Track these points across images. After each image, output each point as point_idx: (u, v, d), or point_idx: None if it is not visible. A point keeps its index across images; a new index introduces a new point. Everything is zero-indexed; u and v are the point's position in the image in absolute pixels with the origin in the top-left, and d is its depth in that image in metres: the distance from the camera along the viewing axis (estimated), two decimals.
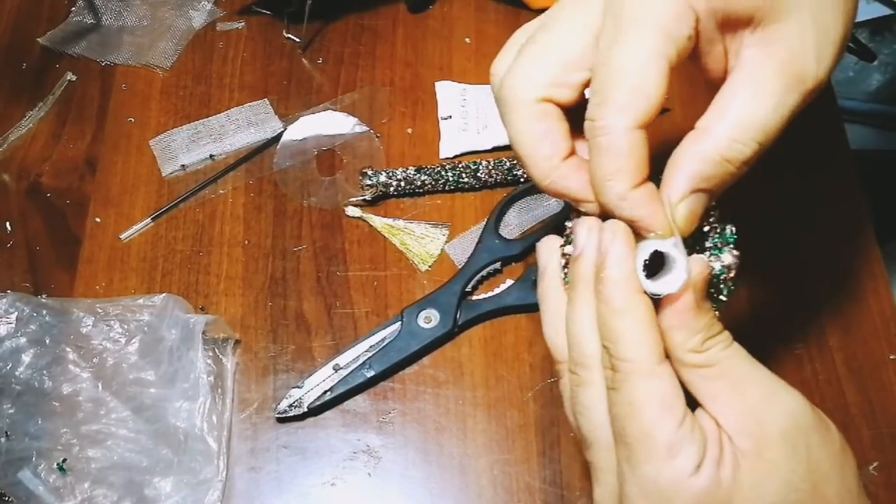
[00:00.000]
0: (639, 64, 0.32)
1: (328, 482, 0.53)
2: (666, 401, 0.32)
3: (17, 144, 0.66)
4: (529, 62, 0.36)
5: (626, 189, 0.33)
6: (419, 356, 0.56)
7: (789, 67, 0.33)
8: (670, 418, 0.32)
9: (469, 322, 0.57)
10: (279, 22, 0.70)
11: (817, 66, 0.33)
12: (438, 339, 0.56)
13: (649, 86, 0.32)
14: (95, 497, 0.51)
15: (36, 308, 0.56)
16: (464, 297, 0.57)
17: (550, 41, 0.36)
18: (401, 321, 0.56)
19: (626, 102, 0.32)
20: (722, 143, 0.33)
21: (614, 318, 0.33)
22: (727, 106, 0.33)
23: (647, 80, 0.32)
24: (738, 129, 0.33)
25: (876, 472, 0.53)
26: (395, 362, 0.55)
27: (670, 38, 0.32)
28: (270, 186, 0.63)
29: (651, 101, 0.32)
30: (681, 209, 0.34)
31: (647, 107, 0.32)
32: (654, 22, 0.32)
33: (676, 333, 0.33)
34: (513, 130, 0.36)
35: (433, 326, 0.56)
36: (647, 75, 0.32)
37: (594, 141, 0.33)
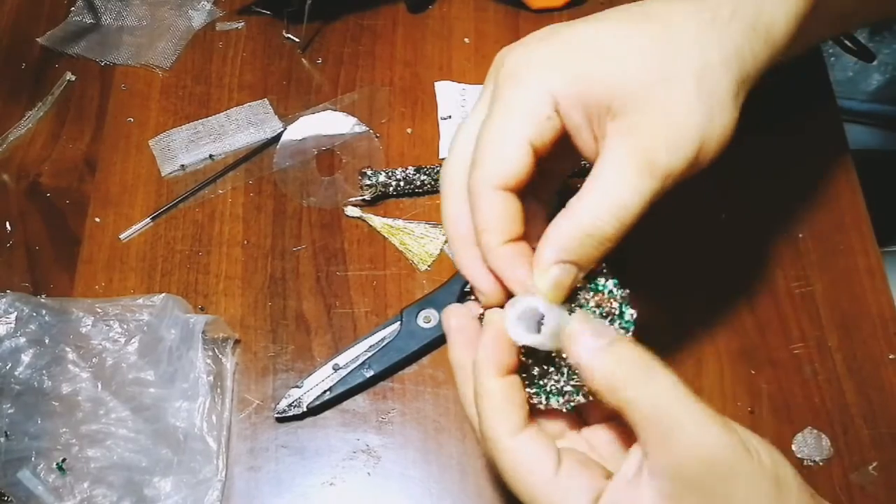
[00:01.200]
0: (501, 138, 0.38)
1: (328, 482, 0.53)
2: (532, 462, 0.36)
3: (17, 144, 0.66)
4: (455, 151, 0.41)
5: (493, 243, 0.38)
6: (419, 356, 0.56)
7: (642, 154, 0.36)
8: (541, 474, 0.36)
9: None
10: (279, 22, 0.70)
11: (669, 155, 0.36)
12: (438, 339, 0.56)
13: (508, 155, 0.38)
14: (95, 497, 0.51)
15: (35, 308, 0.56)
16: (463, 296, 0.57)
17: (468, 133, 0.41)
18: (400, 321, 0.56)
19: (489, 168, 0.38)
20: (585, 220, 0.37)
21: (476, 400, 0.38)
22: (590, 187, 0.37)
23: (507, 151, 0.38)
24: (597, 208, 0.36)
25: (876, 472, 0.53)
26: (395, 362, 0.55)
27: (529, 119, 0.38)
28: (270, 186, 0.63)
29: (510, 168, 0.38)
30: (548, 277, 0.37)
31: (506, 172, 0.38)
32: (516, 106, 0.38)
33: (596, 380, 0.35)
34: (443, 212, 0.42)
35: (433, 326, 0.56)
36: (506, 147, 0.38)
37: (470, 198, 0.39)
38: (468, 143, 0.40)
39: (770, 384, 0.56)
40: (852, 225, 0.61)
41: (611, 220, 0.36)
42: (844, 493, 0.52)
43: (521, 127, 0.38)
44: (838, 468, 0.53)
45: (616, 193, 0.36)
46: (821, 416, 0.55)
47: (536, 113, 0.38)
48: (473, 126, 0.41)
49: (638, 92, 0.37)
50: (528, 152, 0.38)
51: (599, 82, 0.37)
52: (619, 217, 0.36)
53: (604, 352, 0.35)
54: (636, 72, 0.37)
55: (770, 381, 0.56)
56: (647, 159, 0.36)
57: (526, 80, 0.38)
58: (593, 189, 0.37)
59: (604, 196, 0.36)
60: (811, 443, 0.53)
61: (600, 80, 0.37)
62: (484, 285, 0.40)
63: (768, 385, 0.55)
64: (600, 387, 0.35)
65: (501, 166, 0.38)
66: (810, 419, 0.54)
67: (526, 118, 0.38)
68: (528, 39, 0.40)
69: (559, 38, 0.39)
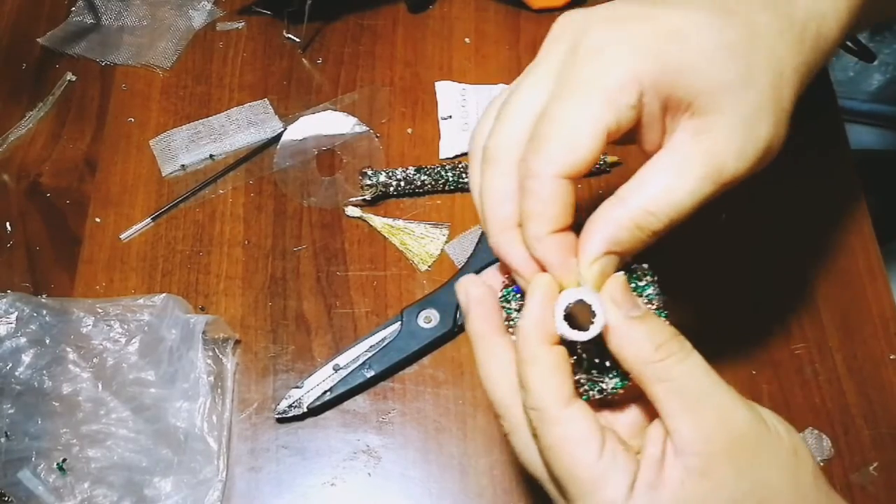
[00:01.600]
0: (576, 122, 0.35)
1: (328, 482, 0.53)
2: (580, 440, 0.34)
3: (17, 144, 0.66)
4: (504, 123, 0.38)
5: (542, 232, 0.36)
6: (419, 356, 0.56)
7: (711, 159, 0.35)
8: (587, 455, 0.34)
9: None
10: (279, 22, 0.70)
11: (736, 163, 0.36)
12: (438, 339, 0.56)
13: (581, 143, 0.35)
14: (95, 497, 0.51)
15: (36, 308, 0.56)
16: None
17: (522, 104, 0.38)
18: (401, 321, 0.56)
19: (557, 154, 0.35)
20: (636, 212, 0.35)
21: (522, 368, 0.36)
22: (648, 179, 0.36)
23: (580, 138, 0.35)
24: (654, 202, 0.35)
25: (876, 472, 0.53)
26: (395, 362, 0.55)
27: (612, 105, 0.35)
28: (270, 186, 0.63)
29: (580, 156, 0.35)
30: (593, 269, 0.36)
31: (575, 161, 0.35)
32: (598, 88, 0.35)
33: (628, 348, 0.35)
34: (486, 185, 0.38)
35: (433, 326, 0.56)
36: (581, 133, 0.35)
37: (523, 182, 0.36)
38: (522, 116, 0.37)
39: (770, 384, 0.56)
40: (852, 225, 0.61)
41: (663, 216, 0.35)
42: (845, 494, 0.52)
43: (601, 113, 0.35)
44: (839, 468, 0.53)
45: (676, 192, 0.35)
46: (821, 417, 0.55)
47: (621, 101, 0.35)
48: (529, 97, 0.37)
49: (720, 92, 0.35)
50: (602, 142, 0.35)
51: (687, 76, 0.35)
52: (671, 215, 0.35)
53: (638, 322, 0.35)
54: (723, 71, 0.35)
55: (770, 381, 0.56)
56: (715, 164, 0.35)
57: (614, 61, 0.35)
58: (652, 181, 0.35)
59: (663, 191, 0.35)
60: (812, 443, 0.53)
61: (689, 73, 0.35)
62: (529, 271, 0.37)
63: (769, 385, 0.56)
64: (633, 358, 0.34)
65: (572, 154, 0.35)
66: (811, 419, 0.54)
67: (609, 104, 0.35)
68: (614, 12, 0.37)
69: (649, 19, 0.36)
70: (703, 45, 0.35)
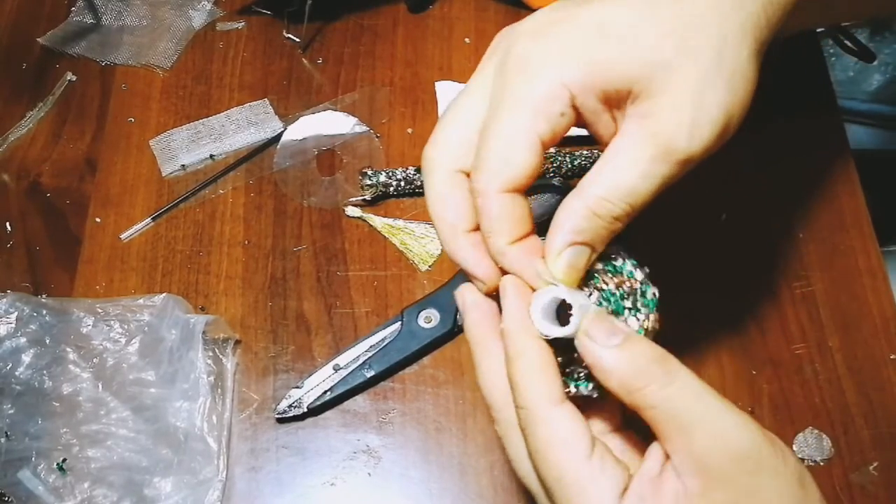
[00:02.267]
0: (509, 136, 0.36)
1: (328, 482, 0.53)
2: (567, 441, 0.34)
3: (17, 144, 0.66)
4: (442, 133, 0.39)
5: (502, 244, 0.37)
6: (419, 356, 0.56)
7: (659, 139, 0.35)
8: (574, 456, 0.34)
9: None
10: (279, 22, 0.70)
11: (689, 141, 0.35)
12: (438, 339, 0.56)
13: (517, 156, 0.36)
14: (95, 497, 0.51)
15: (36, 308, 0.56)
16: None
17: (459, 115, 0.39)
18: (401, 321, 0.56)
19: (496, 169, 0.36)
20: (591, 200, 0.36)
21: (509, 366, 0.36)
22: (602, 168, 0.36)
23: (515, 152, 0.36)
24: (609, 189, 0.36)
25: (876, 472, 0.53)
26: (396, 362, 0.55)
27: (542, 116, 0.36)
28: (270, 186, 0.63)
29: (518, 170, 0.36)
30: (560, 261, 0.36)
31: (514, 175, 0.36)
32: (526, 101, 0.36)
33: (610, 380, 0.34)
34: (427, 194, 0.40)
35: (433, 326, 0.56)
36: (515, 147, 0.36)
37: (474, 201, 0.37)
38: (458, 128, 0.38)
39: (771, 384, 0.56)
40: (852, 225, 0.61)
41: (619, 201, 0.35)
42: (845, 493, 0.52)
43: (533, 125, 0.36)
44: (839, 468, 0.53)
45: (626, 176, 0.35)
46: (821, 416, 0.55)
47: (551, 110, 0.36)
48: (466, 112, 0.39)
49: (656, 73, 0.35)
50: (538, 152, 0.36)
51: (617, 68, 0.35)
52: (628, 199, 0.35)
53: (617, 351, 0.34)
54: (653, 52, 0.35)
55: (771, 381, 0.56)
56: (663, 145, 0.35)
57: (539, 73, 0.36)
58: (604, 170, 0.36)
59: (614, 178, 0.35)
60: (812, 443, 0.53)
61: (618, 65, 0.35)
62: (480, 272, 0.38)
63: (769, 385, 0.55)
64: (616, 388, 0.34)
65: (511, 169, 0.36)
66: (811, 419, 0.54)
67: (539, 116, 0.36)
68: (537, 23, 0.38)
69: (571, 21, 0.37)
70: (628, 32, 0.36)
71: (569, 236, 0.36)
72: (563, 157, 0.61)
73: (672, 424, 0.33)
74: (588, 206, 0.36)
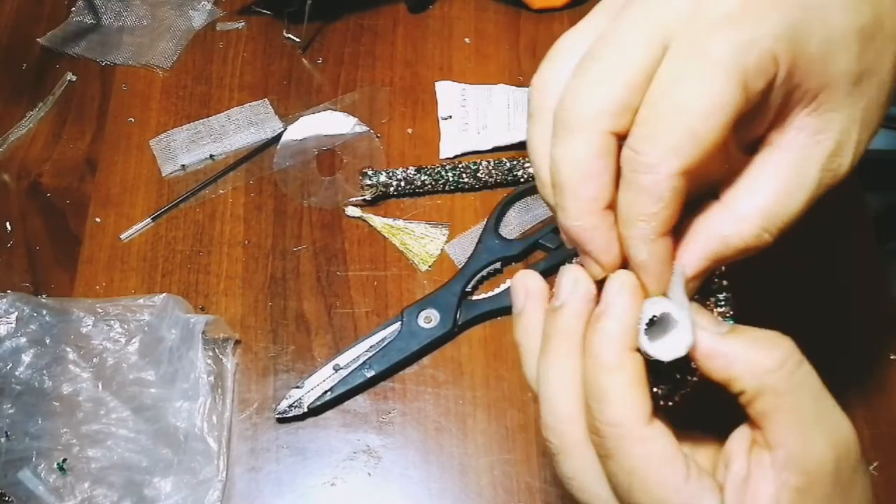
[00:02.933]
0: (706, 107, 0.29)
1: (328, 482, 0.53)
2: (667, 460, 0.30)
3: (17, 144, 0.66)
4: (595, 84, 0.31)
5: (651, 235, 0.31)
6: (419, 356, 0.56)
7: (831, 163, 0.31)
8: (676, 476, 0.30)
9: (469, 322, 0.57)
10: (279, 22, 0.70)
11: (851, 163, 0.32)
12: (438, 339, 0.56)
13: (710, 133, 0.29)
14: (95, 497, 0.51)
15: (36, 308, 0.56)
16: (464, 297, 0.57)
17: (615, 59, 0.31)
18: (401, 321, 0.56)
19: (681, 145, 0.29)
20: (747, 229, 0.32)
21: (603, 376, 0.31)
22: (760, 188, 0.31)
23: (710, 127, 0.29)
24: (768, 218, 0.31)
25: (876, 472, 0.53)
26: (396, 362, 0.55)
27: (746, 89, 0.29)
28: (270, 186, 0.63)
29: (705, 149, 0.29)
30: (691, 286, 0.32)
31: (699, 154, 0.29)
32: (736, 67, 0.29)
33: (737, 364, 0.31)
34: (563, 156, 0.31)
35: (433, 326, 0.56)
36: (711, 121, 0.29)
37: (634, 175, 0.30)
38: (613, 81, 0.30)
39: None
40: (852, 225, 0.61)
41: (775, 230, 0.31)
42: None
43: (735, 97, 0.29)
44: None
45: (793, 202, 0.31)
46: None
47: (756, 84, 0.29)
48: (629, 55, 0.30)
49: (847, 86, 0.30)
50: (730, 132, 0.29)
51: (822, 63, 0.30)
52: (783, 228, 0.32)
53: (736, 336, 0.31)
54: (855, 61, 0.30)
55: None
56: (833, 168, 0.31)
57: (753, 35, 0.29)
58: (764, 190, 0.31)
59: (777, 203, 0.31)
60: None
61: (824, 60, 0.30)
62: (609, 259, 0.32)
63: None
64: (742, 373, 0.30)
65: (698, 147, 0.29)
66: None
67: (743, 88, 0.29)
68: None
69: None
70: (841, 26, 0.30)
71: (708, 263, 0.32)
72: None
73: (794, 415, 0.30)
74: (742, 237, 0.32)
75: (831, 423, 0.31)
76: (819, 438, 0.31)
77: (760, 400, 0.31)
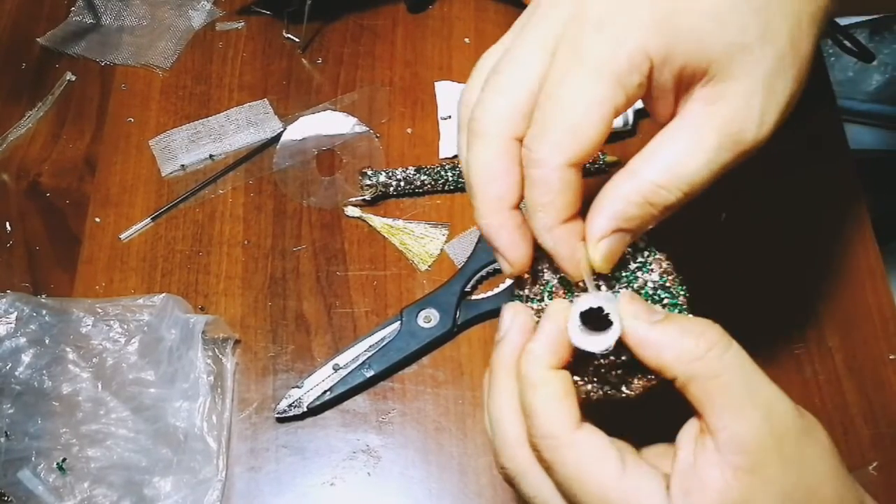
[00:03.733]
0: (584, 105, 0.33)
1: (328, 482, 0.53)
2: (600, 457, 0.32)
3: (17, 144, 0.66)
4: (496, 94, 0.35)
5: (552, 223, 0.34)
6: (419, 356, 0.56)
7: (729, 128, 0.33)
8: (611, 471, 0.32)
9: (468, 322, 0.57)
10: (279, 22, 0.70)
11: (758, 129, 0.33)
12: (438, 339, 0.56)
13: (590, 128, 0.33)
14: (95, 497, 0.51)
15: (36, 308, 0.56)
16: (463, 296, 0.57)
17: (512, 70, 0.35)
18: (400, 321, 0.56)
19: (564, 141, 0.33)
20: (646, 186, 0.33)
21: (531, 393, 0.34)
22: (659, 151, 0.34)
23: (589, 123, 0.33)
24: (666, 176, 0.33)
25: (876, 472, 0.53)
26: (395, 362, 0.55)
27: (621, 86, 0.33)
28: (270, 186, 0.63)
29: (588, 142, 0.33)
30: (600, 247, 0.34)
31: (583, 148, 0.33)
32: (608, 67, 0.32)
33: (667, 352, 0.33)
34: (473, 161, 0.36)
35: (433, 326, 0.56)
36: (590, 118, 0.33)
37: (528, 171, 0.34)
38: (514, 87, 0.34)
39: None
40: (852, 225, 0.61)
41: (676, 189, 0.33)
42: None
43: (611, 94, 0.32)
44: None
45: (688, 164, 0.33)
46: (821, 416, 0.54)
47: (631, 79, 0.33)
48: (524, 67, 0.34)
49: (736, 56, 0.33)
50: (611, 124, 0.33)
51: (700, 44, 0.33)
52: (684, 189, 0.33)
53: (665, 324, 0.33)
54: (739, 33, 0.33)
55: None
56: (732, 134, 0.33)
57: (623, 36, 0.32)
58: (663, 153, 0.33)
59: (675, 163, 0.33)
60: None
61: (702, 40, 0.33)
62: (516, 255, 0.36)
63: None
64: (672, 361, 0.32)
65: (580, 141, 0.33)
66: None
67: (619, 85, 0.32)
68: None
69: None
70: (711, 6, 0.33)
71: (613, 222, 0.34)
72: None
73: (727, 396, 0.32)
74: (641, 192, 0.33)
75: (763, 400, 0.32)
76: (754, 415, 0.32)
77: (693, 385, 0.32)
